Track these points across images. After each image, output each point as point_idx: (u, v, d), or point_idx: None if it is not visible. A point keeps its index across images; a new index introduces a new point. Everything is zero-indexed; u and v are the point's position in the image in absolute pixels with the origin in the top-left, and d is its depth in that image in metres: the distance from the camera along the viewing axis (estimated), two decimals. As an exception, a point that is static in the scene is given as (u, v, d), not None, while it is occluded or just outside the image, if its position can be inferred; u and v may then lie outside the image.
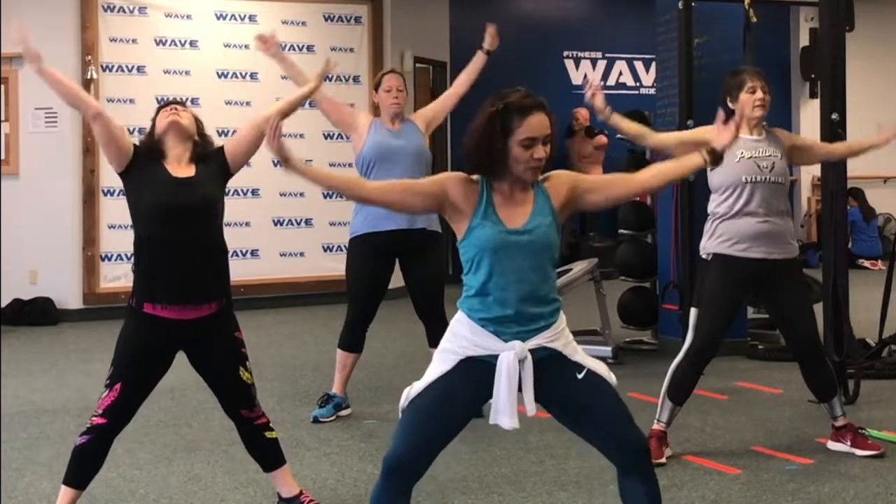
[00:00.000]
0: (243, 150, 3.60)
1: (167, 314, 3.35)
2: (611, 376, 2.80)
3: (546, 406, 2.80)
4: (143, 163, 3.45)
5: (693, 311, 4.31)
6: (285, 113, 3.69)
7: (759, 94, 4.23)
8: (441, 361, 2.76)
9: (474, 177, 2.79)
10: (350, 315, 5.00)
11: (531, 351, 2.71)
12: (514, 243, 2.72)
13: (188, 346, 3.45)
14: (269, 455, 3.62)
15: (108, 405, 3.34)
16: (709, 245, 4.29)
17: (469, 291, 2.77)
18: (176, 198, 3.36)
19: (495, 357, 2.70)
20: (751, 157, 4.21)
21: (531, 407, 2.72)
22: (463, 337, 2.75)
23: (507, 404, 2.69)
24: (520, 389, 2.71)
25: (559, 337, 2.77)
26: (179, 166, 3.45)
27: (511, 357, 2.68)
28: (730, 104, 4.28)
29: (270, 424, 3.61)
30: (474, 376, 2.72)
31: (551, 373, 2.74)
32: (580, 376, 2.75)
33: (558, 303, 2.82)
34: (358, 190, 2.91)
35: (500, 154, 2.71)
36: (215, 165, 3.53)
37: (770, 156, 4.24)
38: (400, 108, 4.98)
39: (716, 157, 2.92)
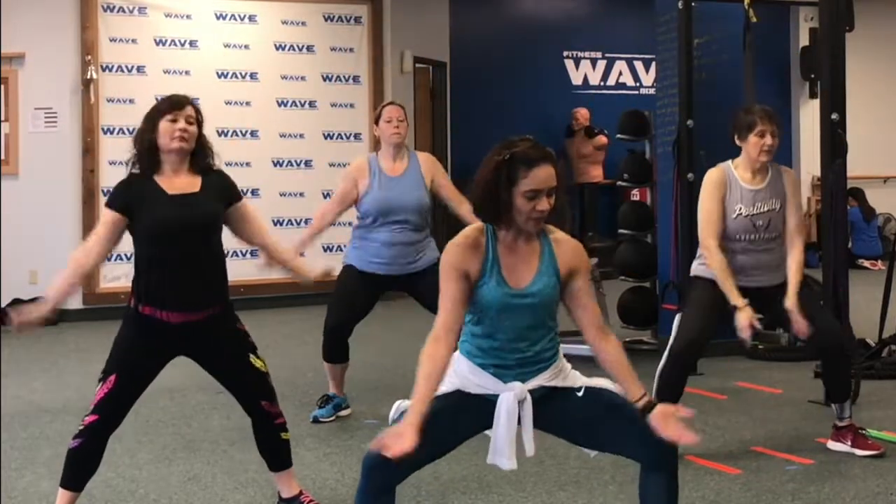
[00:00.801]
0: (241, 225, 3.50)
1: (166, 317, 3.33)
2: (617, 388, 2.81)
3: (555, 434, 2.82)
4: (133, 193, 3.35)
5: (678, 315, 4.31)
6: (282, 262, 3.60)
7: (768, 139, 4.20)
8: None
9: (475, 230, 2.76)
10: (327, 322, 4.92)
11: (531, 391, 2.73)
12: (518, 305, 2.72)
13: (191, 348, 3.43)
14: (280, 456, 3.59)
15: (101, 398, 3.30)
16: (699, 269, 4.30)
17: (469, 339, 2.78)
18: (172, 214, 3.30)
19: (495, 396, 2.72)
20: (748, 216, 4.20)
21: (530, 447, 2.74)
22: (463, 375, 2.77)
23: (506, 445, 2.70)
24: (518, 423, 2.72)
25: (558, 374, 2.80)
26: (177, 177, 3.37)
27: (511, 399, 2.69)
28: (737, 141, 4.28)
29: (286, 426, 3.58)
30: (471, 404, 2.74)
31: (552, 405, 2.76)
32: (580, 395, 2.77)
33: (557, 345, 2.83)
34: (443, 364, 2.68)
35: (504, 205, 2.70)
36: (224, 192, 3.45)
37: (768, 211, 4.22)
38: (401, 139, 4.95)
39: (644, 414, 2.70)
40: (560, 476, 4.07)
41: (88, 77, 8.35)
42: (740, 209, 4.21)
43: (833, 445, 4.37)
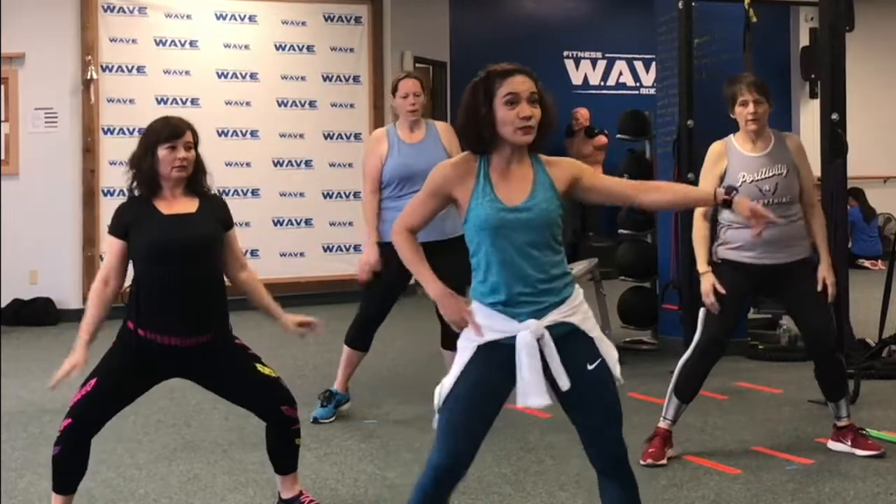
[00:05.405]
0: (225, 253, 3.48)
1: (160, 340, 3.31)
2: (616, 368, 2.78)
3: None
4: (131, 215, 3.35)
5: (702, 310, 4.28)
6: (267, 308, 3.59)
7: (751, 108, 4.19)
8: (463, 351, 2.74)
9: (469, 154, 2.76)
10: (362, 313, 4.99)
11: (550, 328, 2.68)
12: (513, 221, 2.69)
13: (189, 371, 3.41)
14: (290, 460, 3.59)
15: (77, 400, 3.29)
16: (718, 251, 4.29)
17: (477, 276, 2.75)
18: (167, 234, 3.29)
19: (513, 339, 2.67)
20: (752, 182, 4.18)
21: (564, 381, 2.68)
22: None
23: (534, 383, 2.65)
24: (545, 368, 2.68)
25: (576, 311, 2.74)
26: (175, 199, 3.37)
27: (527, 336, 2.65)
28: (730, 114, 4.29)
29: (300, 431, 3.57)
30: (498, 360, 2.69)
31: (569, 349, 2.70)
32: (591, 367, 2.72)
33: (569, 277, 2.78)
34: (408, 239, 2.82)
35: (486, 120, 2.69)
36: (222, 215, 3.45)
37: (773, 175, 4.19)
38: (417, 115, 4.97)
39: (727, 205, 2.89)
40: (560, 476, 4.07)
41: (88, 77, 8.35)
42: (743, 176, 4.19)
43: (833, 445, 4.37)
